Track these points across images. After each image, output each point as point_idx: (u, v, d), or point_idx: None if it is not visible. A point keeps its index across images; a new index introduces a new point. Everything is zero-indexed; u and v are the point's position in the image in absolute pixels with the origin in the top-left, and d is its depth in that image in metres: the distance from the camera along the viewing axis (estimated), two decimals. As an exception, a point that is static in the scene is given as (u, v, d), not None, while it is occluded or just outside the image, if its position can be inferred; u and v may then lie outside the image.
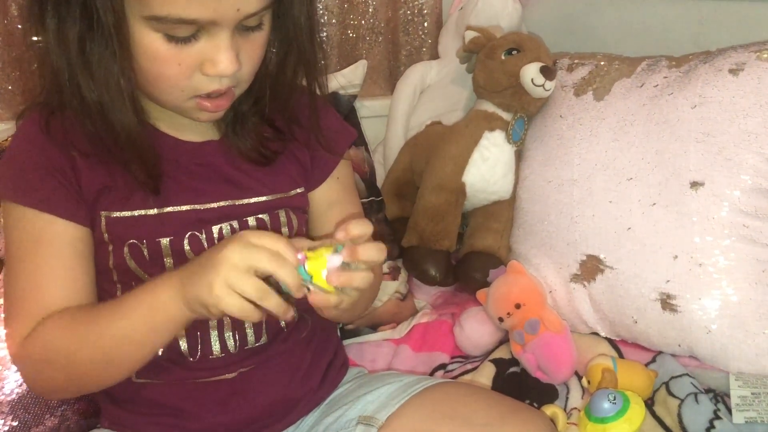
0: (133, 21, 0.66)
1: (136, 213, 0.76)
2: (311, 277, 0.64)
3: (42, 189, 0.73)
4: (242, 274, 0.62)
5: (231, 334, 0.80)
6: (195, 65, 0.69)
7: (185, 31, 0.66)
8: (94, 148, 0.74)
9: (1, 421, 0.90)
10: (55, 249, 0.73)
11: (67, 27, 0.68)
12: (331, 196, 0.91)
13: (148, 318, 0.68)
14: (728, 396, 0.97)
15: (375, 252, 0.66)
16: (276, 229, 0.83)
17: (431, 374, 1.11)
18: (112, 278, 0.77)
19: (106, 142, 0.73)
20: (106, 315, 0.70)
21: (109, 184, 0.75)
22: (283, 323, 0.84)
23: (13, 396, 0.92)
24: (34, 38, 1.30)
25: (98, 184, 0.75)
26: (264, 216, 0.82)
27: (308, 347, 0.87)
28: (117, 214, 0.75)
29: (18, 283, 0.74)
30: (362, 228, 0.66)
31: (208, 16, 0.65)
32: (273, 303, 0.63)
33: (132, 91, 0.70)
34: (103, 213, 0.75)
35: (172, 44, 0.67)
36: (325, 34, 1.62)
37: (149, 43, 0.67)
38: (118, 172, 0.75)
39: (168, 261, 0.77)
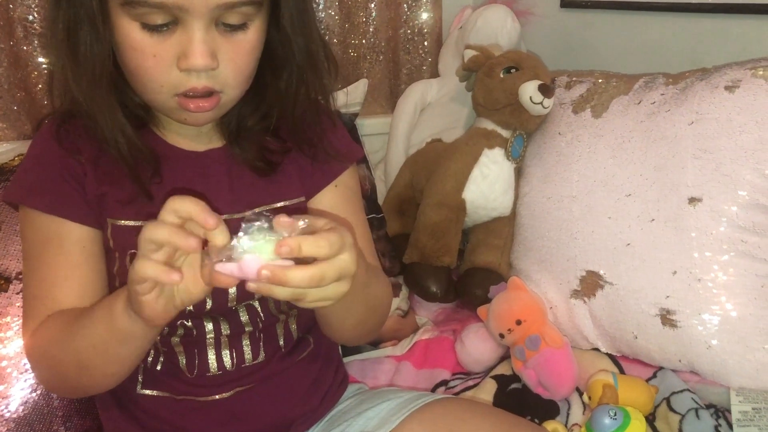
0: (114, 8, 0.68)
1: (138, 222, 0.77)
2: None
3: (51, 193, 0.75)
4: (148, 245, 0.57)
5: (228, 351, 0.81)
6: (171, 59, 0.69)
7: (159, 18, 0.67)
8: (101, 154, 0.76)
9: (7, 438, 0.92)
10: (63, 248, 0.75)
11: (59, 24, 0.70)
12: (330, 205, 0.88)
13: (109, 327, 0.67)
14: (729, 411, 0.97)
15: (314, 247, 0.55)
16: None
17: (433, 391, 1.11)
18: (115, 284, 0.78)
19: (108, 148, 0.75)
20: (81, 322, 0.70)
21: (112, 191, 0.77)
22: (281, 342, 0.84)
23: (19, 413, 0.93)
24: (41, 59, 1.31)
25: (101, 189, 0.76)
26: None
27: (309, 368, 0.87)
28: (122, 222, 0.77)
29: (29, 282, 0.77)
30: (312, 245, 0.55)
31: (175, 1, 0.65)
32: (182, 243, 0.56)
33: (113, 93, 0.73)
34: (109, 220, 0.77)
35: (147, 33, 0.68)
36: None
37: (127, 32, 0.68)
38: (122, 180, 0.76)
39: None
